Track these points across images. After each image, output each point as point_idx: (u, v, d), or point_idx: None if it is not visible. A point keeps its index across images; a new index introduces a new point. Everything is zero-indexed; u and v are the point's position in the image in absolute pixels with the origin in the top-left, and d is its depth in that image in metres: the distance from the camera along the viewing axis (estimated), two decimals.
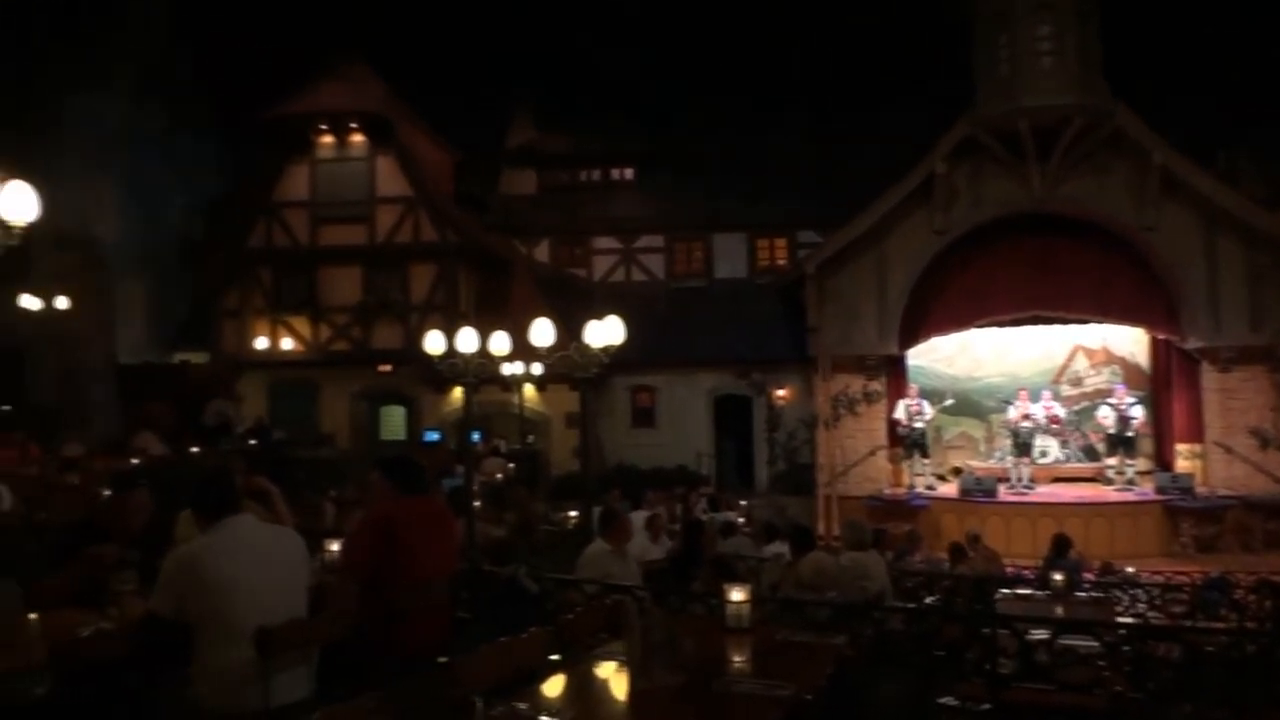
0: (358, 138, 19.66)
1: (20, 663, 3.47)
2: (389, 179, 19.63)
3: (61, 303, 16.45)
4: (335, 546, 5.06)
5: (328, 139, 19.75)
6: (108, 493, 9.24)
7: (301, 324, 19.81)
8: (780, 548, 10.29)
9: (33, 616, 3.93)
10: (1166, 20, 22.39)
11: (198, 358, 21.43)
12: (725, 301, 21.17)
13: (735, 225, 22.34)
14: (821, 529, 16.18)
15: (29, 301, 15.82)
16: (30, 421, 15.29)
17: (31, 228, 5.34)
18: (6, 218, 5.03)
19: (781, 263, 21.99)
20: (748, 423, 20.26)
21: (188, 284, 22.20)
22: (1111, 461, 16.71)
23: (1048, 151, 16.37)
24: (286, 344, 19.70)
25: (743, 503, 16.73)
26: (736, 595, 3.87)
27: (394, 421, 21.23)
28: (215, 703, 3.53)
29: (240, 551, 3.61)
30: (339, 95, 19.55)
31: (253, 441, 16.95)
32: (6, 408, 15.98)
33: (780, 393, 19.58)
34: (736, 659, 3.65)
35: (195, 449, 15.33)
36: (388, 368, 20.05)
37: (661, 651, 3.13)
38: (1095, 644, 4.81)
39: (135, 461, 13.52)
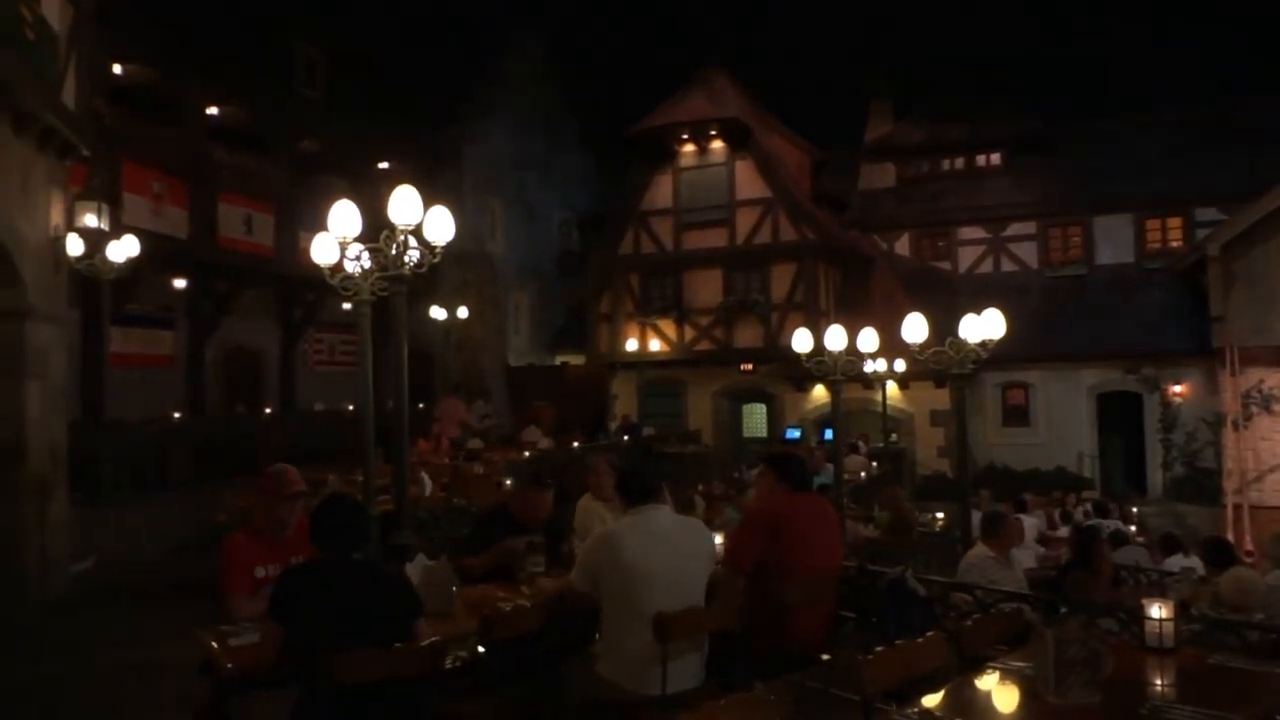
0: (717, 144, 20.23)
1: (455, 631, 3.87)
2: (748, 182, 20.02)
3: (462, 312, 18.50)
4: (718, 539, 5.18)
5: (689, 148, 20.49)
6: (507, 481, 10.22)
7: (668, 325, 20.71)
8: (1186, 561, 9.25)
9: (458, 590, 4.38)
10: None
11: (574, 359, 23.14)
12: (1108, 290, 19.44)
13: (1119, 206, 20.40)
14: (1231, 540, 14.32)
15: (436, 312, 17.96)
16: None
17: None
18: (430, 239, 5.67)
19: (1175, 244, 19.79)
20: (1137, 422, 18.41)
21: (564, 292, 24.06)
22: None
23: None
24: (654, 345, 20.70)
25: (1134, 509, 15.23)
26: (1158, 611, 3.48)
27: (755, 419, 21.66)
28: (617, 680, 3.74)
29: (653, 538, 3.79)
30: (699, 105, 20.24)
31: (625, 437, 17.99)
32: (420, 405, 18.16)
33: (1176, 389, 17.62)
34: (1159, 682, 3.29)
35: (576, 444, 16.51)
36: (749, 366, 20.48)
37: (1078, 668, 2.87)
38: None
39: (526, 454, 14.83)
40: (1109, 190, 20.40)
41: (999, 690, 3.25)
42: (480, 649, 3.93)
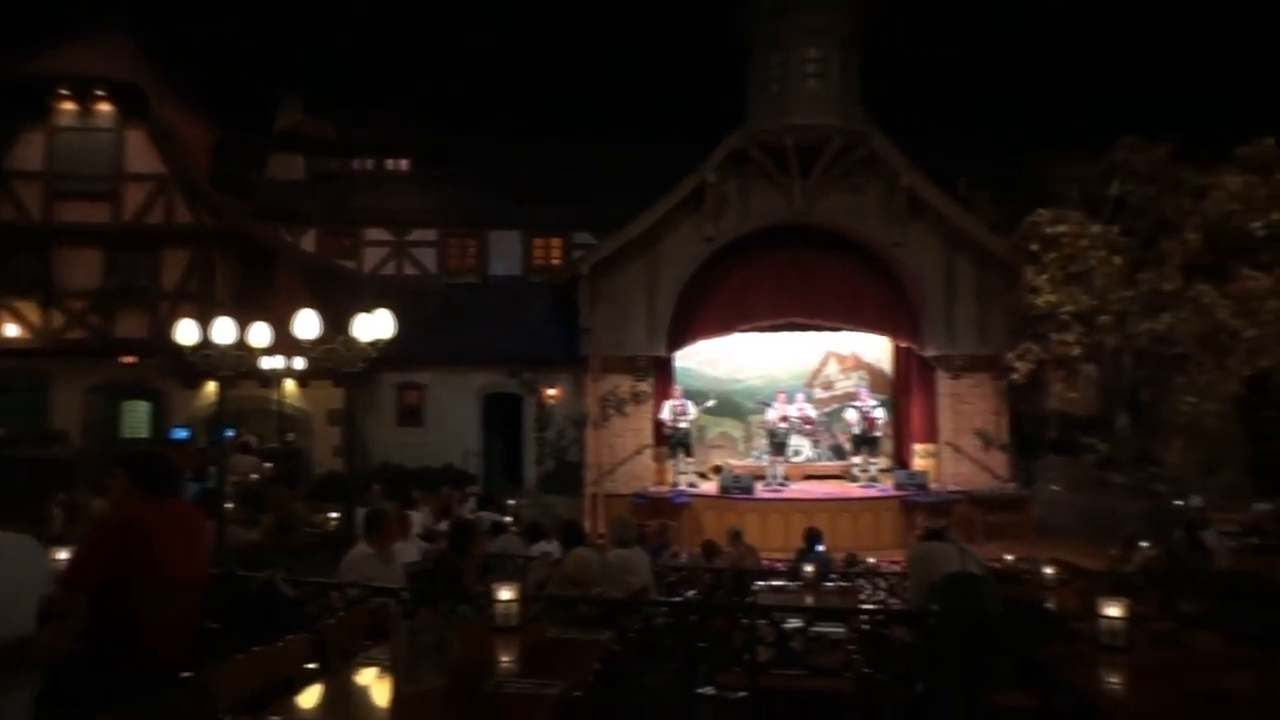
0: (105, 107, 18.13)
1: None
2: (140, 154, 18.22)
3: None
4: (63, 555, 4.60)
5: (69, 105, 18.09)
6: None
7: (30, 309, 18.05)
8: (547, 546, 10.35)
9: None
10: (928, 57, 24.19)
11: None
12: (499, 299, 20.99)
13: (511, 223, 22.20)
14: (589, 527, 16.37)
15: None
16: None
17: None
18: None
19: (557, 262, 22.04)
20: (517, 422, 20.19)
21: None
22: (856, 460, 18.01)
23: (809, 168, 17.37)
24: (11, 330, 17.85)
25: (511, 502, 16.66)
26: (504, 594, 3.85)
27: (137, 417, 19.66)
28: None
29: None
30: (85, 58, 17.91)
31: None
32: None
33: (551, 392, 19.65)
34: (505, 659, 3.64)
35: None
36: (132, 359, 18.57)
37: (429, 655, 3.06)
38: (843, 630, 5.14)
39: None
40: (503, 207, 22.06)
41: (359, 684, 3.35)
42: None
